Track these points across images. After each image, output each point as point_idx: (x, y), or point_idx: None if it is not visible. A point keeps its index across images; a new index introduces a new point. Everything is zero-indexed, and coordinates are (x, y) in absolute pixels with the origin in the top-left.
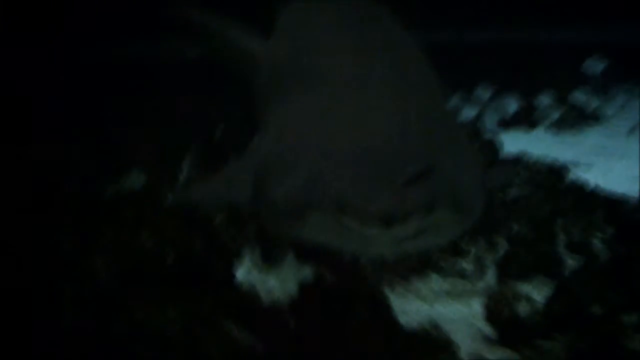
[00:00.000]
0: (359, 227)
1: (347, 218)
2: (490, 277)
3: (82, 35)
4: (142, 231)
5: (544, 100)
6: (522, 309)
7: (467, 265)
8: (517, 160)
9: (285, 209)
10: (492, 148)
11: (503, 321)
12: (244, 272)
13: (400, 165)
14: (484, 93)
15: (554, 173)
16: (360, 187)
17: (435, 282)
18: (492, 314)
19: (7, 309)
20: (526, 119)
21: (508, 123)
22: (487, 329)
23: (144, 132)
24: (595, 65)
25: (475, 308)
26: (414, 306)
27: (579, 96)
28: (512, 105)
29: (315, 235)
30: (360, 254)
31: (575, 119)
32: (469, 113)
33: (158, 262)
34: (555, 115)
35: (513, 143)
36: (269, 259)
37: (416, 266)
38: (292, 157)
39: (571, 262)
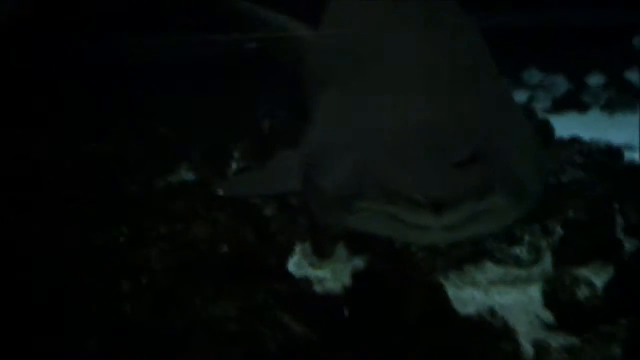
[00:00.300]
0: (409, 215)
1: (396, 207)
2: (547, 263)
3: (129, 33)
4: (194, 224)
5: (595, 81)
6: (582, 293)
7: (522, 251)
8: (572, 143)
9: (334, 198)
10: (546, 130)
11: (563, 307)
12: (296, 264)
13: (450, 149)
14: (533, 76)
15: (609, 156)
16: (409, 174)
17: (490, 269)
18: (550, 300)
19: (64, 303)
20: (578, 102)
21: (559, 106)
22: (546, 316)
23: (193, 129)
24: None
25: (532, 295)
26: (469, 294)
27: (632, 75)
28: (562, 88)
29: (365, 225)
30: (412, 243)
31: (629, 100)
32: (519, 97)
33: (211, 255)
34: (608, 96)
35: (565, 126)
36: (321, 251)
37: (470, 254)
38: (341, 145)
39: (629, 245)
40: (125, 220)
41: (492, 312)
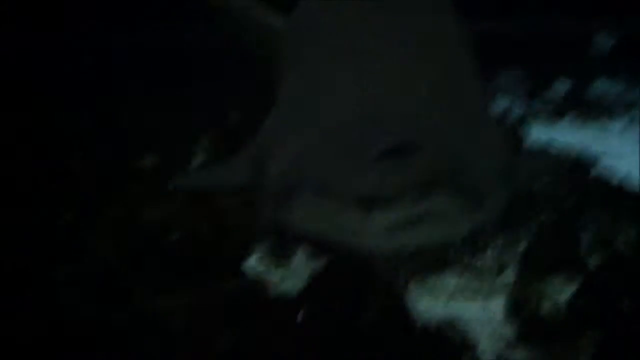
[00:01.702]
0: (339, 212)
1: (326, 202)
2: (510, 274)
3: (101, 22)
4: (145, 209)
5: (563, 88)
6: (545, 307)
7: (485, 261)
8: (543, 151)
9: (272, 193)
10: (516, 136)
11: (525, 320)
12: (253, 261)
13: (377, 140)
14: (506, 82)
15: (580, 165)
16: (338, 167)
17: (451, 279)
18: (513, 312)
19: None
20: (551, 109)
21: (532, 112)
22: (508, 329)
23: (159, 117)
24: (603, 43)
25: (494, 306)
26: (428, 304)
27: (602, 84)
28: (534, 94)
29: (303, 223)
30: (351, 245)
31: (600, 108)
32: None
33: (161, 243)
34: (580, 104)
35: (538, 133)
36: (279, 250)
37: (431, 262)
38: (284, 136)
39: (595, 258)
40: (70, 200)
41: (452, 323)
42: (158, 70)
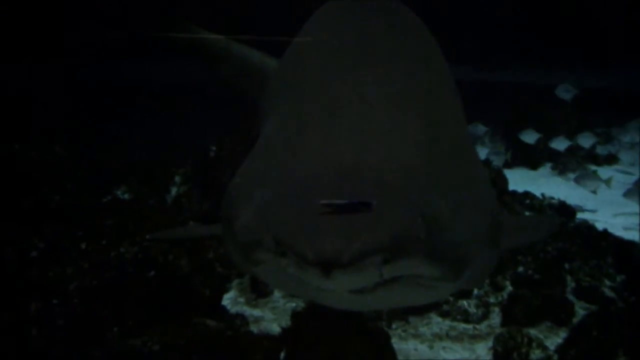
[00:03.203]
0: (300, 272)
1: (286, 261)
2: (495, 319)
3: (85, 53)
4: (120, 243)
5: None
6: (534, 354)
7: (469, 305)
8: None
9: (237, 245)
10: (500, 184)
11: None
12: (232, 299)
13: (334, 197)
14: (478, 130)
15: (562, 214)
16: (297, 226)
17: (435, 322)
18: (501, 359)
19: None
20: (529, 159)
21: (511, 162)
22: None
23: (138, 149)
24: (566, 91)
25: (478, 352)
26: (412, 346)
27: (584, 137)
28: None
29: (267, 279)
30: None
31: (579, 159)
32: None
33: (137, 279)
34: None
35: (517, 182)
36: (259, 288)
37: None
38: (252, 188)
39: (580, 307)
40: (41, 233)
41: None
42: (137, 102)
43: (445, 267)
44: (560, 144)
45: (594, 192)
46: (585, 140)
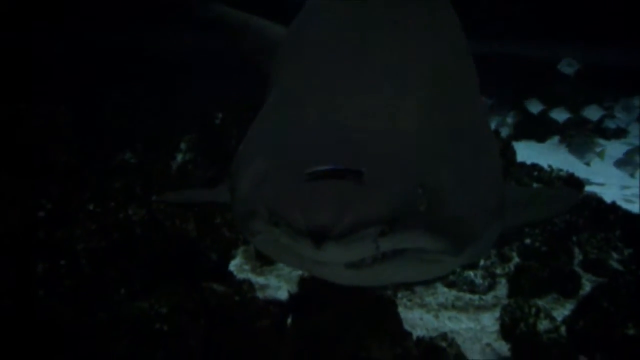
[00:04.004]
0: (294, 243)
1: (280, 232)
2: (501, 290)
3: (93, 20)
4: (128, 205)
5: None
6: (542, 325)
7: (476, 276)
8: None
9: (237, 215)
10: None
11: (520, 337)
12: (237, 265)
13: (339, 161)
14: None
15: (570, 186)
16: (290, 196)
17: (441, 292)
18: (508, 329)
19: None
20: (535, 131)
21: (519, 134)
22: (500, 345)
23: (144, 117)
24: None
25: (484, 322)
26: (417, 316)
27: (591, 110)
28: (520, 116)
29: (265, 249)
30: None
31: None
32: None
33: (144, 242)
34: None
35: (525, 154)
36: (264, 256)
37: None
38: (252, 156)
39: (587, 280)
40: (49, 194)
41: (442, 336)
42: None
43: (448, 241)
44: (559, 115)
45: (588, 164)
46: (593, 113)
